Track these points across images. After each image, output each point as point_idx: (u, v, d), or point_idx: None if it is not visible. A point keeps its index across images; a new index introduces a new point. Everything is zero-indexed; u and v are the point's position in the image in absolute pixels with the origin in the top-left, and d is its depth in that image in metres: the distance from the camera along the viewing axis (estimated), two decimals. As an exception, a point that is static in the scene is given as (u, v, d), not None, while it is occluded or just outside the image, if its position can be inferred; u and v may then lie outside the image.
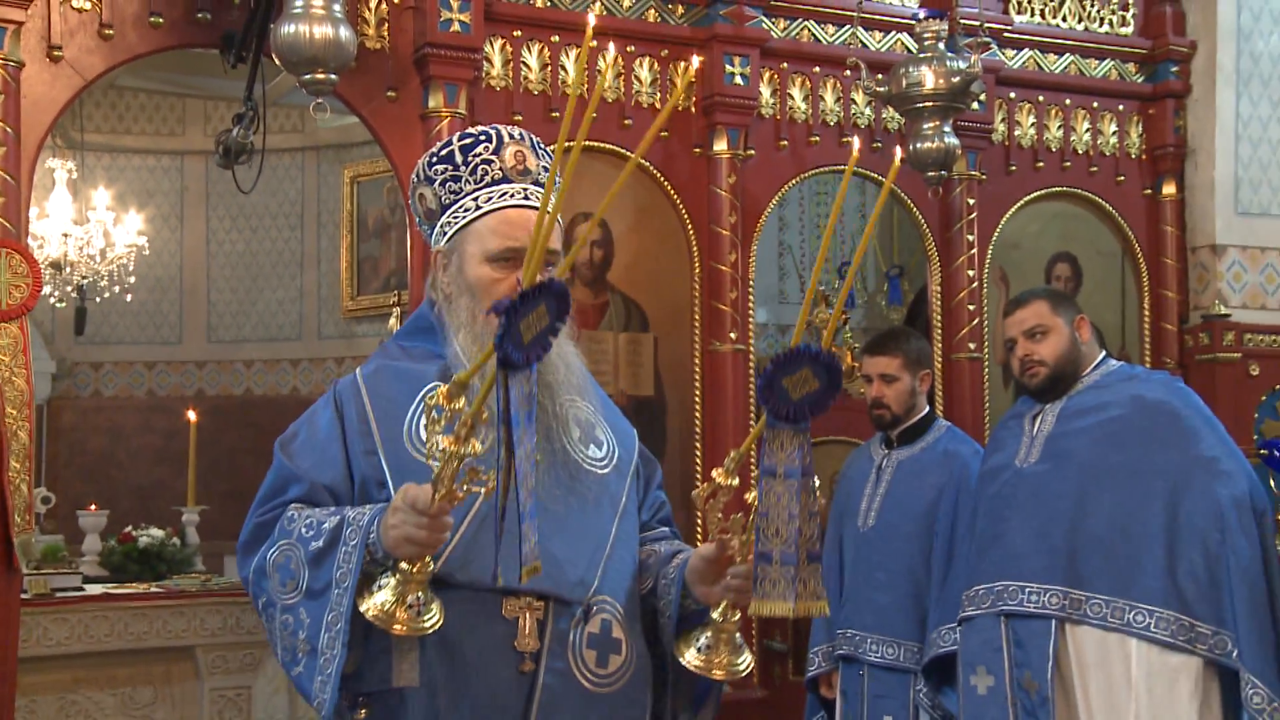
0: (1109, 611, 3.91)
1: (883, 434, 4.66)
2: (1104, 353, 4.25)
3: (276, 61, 4.70)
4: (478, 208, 2.40)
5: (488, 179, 2.42)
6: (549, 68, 5.25)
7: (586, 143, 5.22)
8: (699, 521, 4.22)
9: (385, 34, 5.05)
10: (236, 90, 5.46)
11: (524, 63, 5.21)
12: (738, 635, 2.37)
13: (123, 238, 9.01)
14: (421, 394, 2.36)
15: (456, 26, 4.96)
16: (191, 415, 7.56)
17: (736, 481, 2.23)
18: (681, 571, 2.42)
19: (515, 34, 5.21)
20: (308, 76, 4.61)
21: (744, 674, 2.38)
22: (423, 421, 2.22)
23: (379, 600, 2.14)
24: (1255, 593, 3.82)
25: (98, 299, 9.40)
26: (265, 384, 10.29)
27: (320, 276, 10.24)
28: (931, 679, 4.35)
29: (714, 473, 2.22)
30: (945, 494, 4.45)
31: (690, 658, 2.37)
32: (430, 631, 2.15)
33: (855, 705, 4.52)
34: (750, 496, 2.21)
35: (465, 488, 2.05)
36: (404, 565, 2.13)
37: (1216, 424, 4.06)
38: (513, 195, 2.41)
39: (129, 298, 9.32)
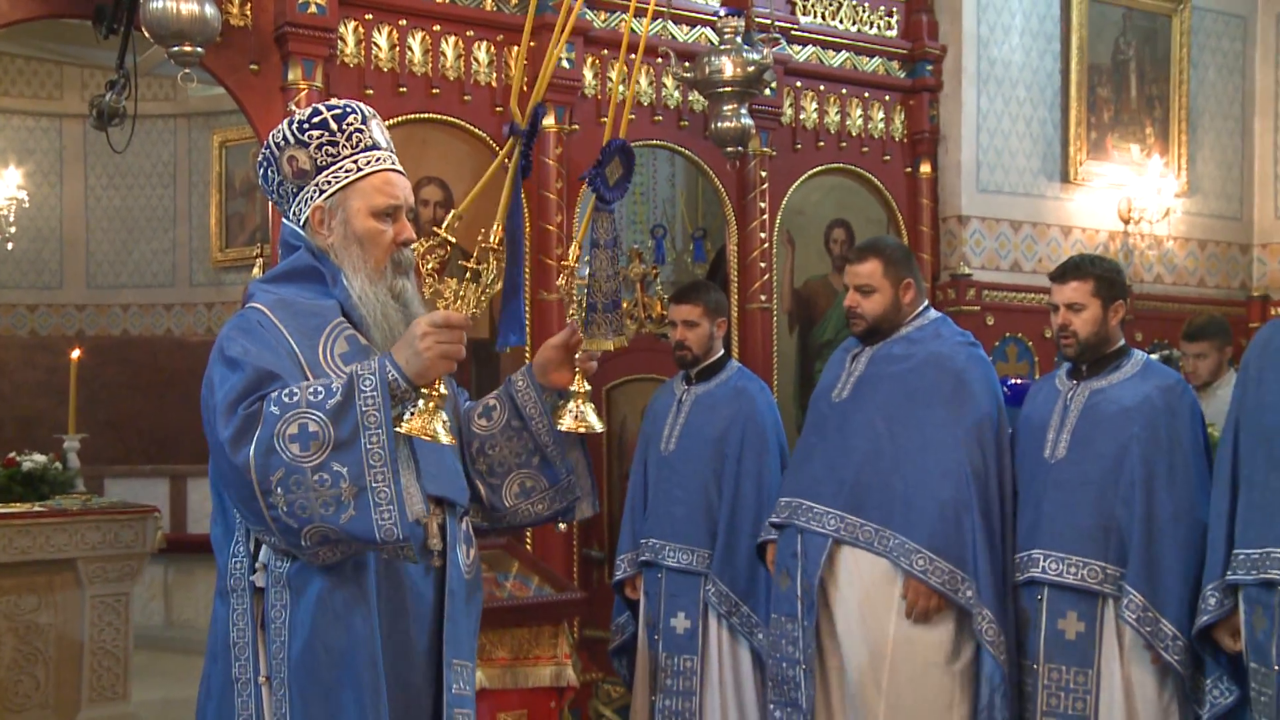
0: (876, 538, 3.95)
1: (684, 372, 4.68)
2: (925, 304, 4.20)
3: (146, 34, 4.47)
4: (359, 169, 2.38)
5: (362, 145, 2.40)
6: (397, 48, 5.10)
7: (431, 115, 5.15)
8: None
9: (248, 12, 4.83)
10: (111, 59, 5.19)
11: (374, 43, 5.05)
12: (589, 396, 2.56)
13: (3, 191, 8.62)
14: (330, 325, 2.34)
15: (314, 9, 4.78)
16: (75, 353, 7.22)
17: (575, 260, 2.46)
18: (530, 375, 2.58)
19: (367, 17, 5.04)
20: (175, 49, 4.41)
21: (600, 428, 2.55)
22: (328, 354, 2.32)
23: (418, 423, 2.16)
24: (992, 538, 3.91)
25: (-21, 246, 9.01)
26: (141, 325, 9.98)
27: (191, 230, 10.00)
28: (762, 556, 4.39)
29: (571, 257, 2.45)
30: (735, 424, 4.49)
31: (568, 423, 2.52)
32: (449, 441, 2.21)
33: (655, 604, 4.55)
34: (561, 281, 2.47)
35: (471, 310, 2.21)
36: (429, 391, 2.17)
37: (994, 396, 4.07)
38: (384, 160, 2.42)
39: (10, 246, 8.99)
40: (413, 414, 2.17)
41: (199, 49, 4.44)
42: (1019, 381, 6.07)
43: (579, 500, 2.67)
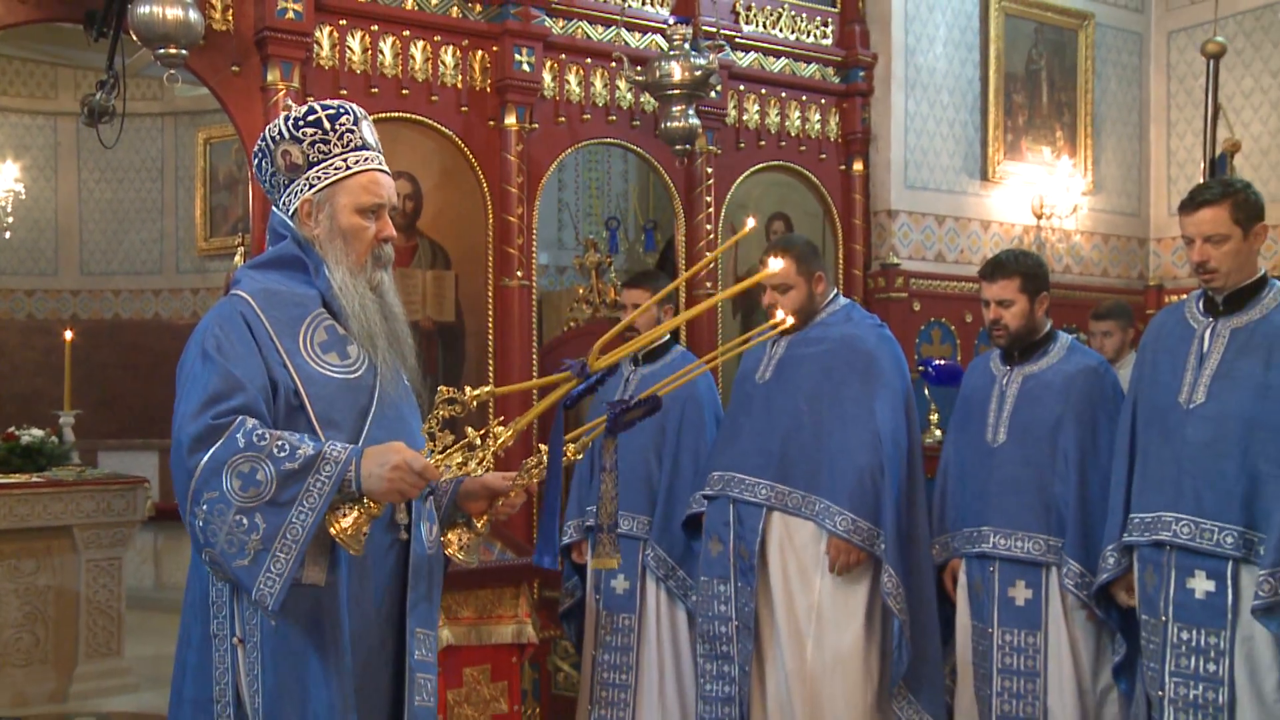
0: (804, 504, 4.01)
1: (632, 353, 4.64)
2: (835, 292, 4.26)
3: (134, 38, 4.39)
4: (348, 167, 2.33)
5: (352, 144, 2.35)
6: (369, 52, 5.04)
7: (400, 114, 5.11)
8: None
9: (230, 17, 4.76)
10: (102, 61, 5.12)
11: (348, 46, 4.99)
12: (481, 540, 2.51)
13: (1, 184, 8.48)
14: (311, 315, 2.30)
15: (291, 14, 4.72)
16: (68, 335, 7.13)
17: (580, 456, 2.41)
18: (456, 488, 2.46)
19: (341, 22, 4.98)
20: (161, 51, 4.35)
21: (467, 564, 2.51)
22: (307, 342, 2.27)
23: (345, 524, 2.13)
24: (899, 501, 3.97)
25: (-22, 236, 8.89)
26: (131, 309, 9.88)
27: (178, 221, 9.92)
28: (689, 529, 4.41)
29: (569, 448, 2.36)
30: (675, 402, 4.45)
31: (450, 537, 2.46)
32: (354, 553, 2.18)
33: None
34: (531, 461, 2.35)
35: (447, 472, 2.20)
36: (368, 503, 2.14)
37: (902, 371, 4.11)
38: (371, 160, 2.37)
39: (8, 235, 8.84)
40: (344, 513, 2.14)
41: (183, 51, 4.38)
42: (943, 362, 6.15)
43: None
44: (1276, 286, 3.46)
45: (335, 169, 2.33)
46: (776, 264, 4.06)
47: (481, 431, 2.19)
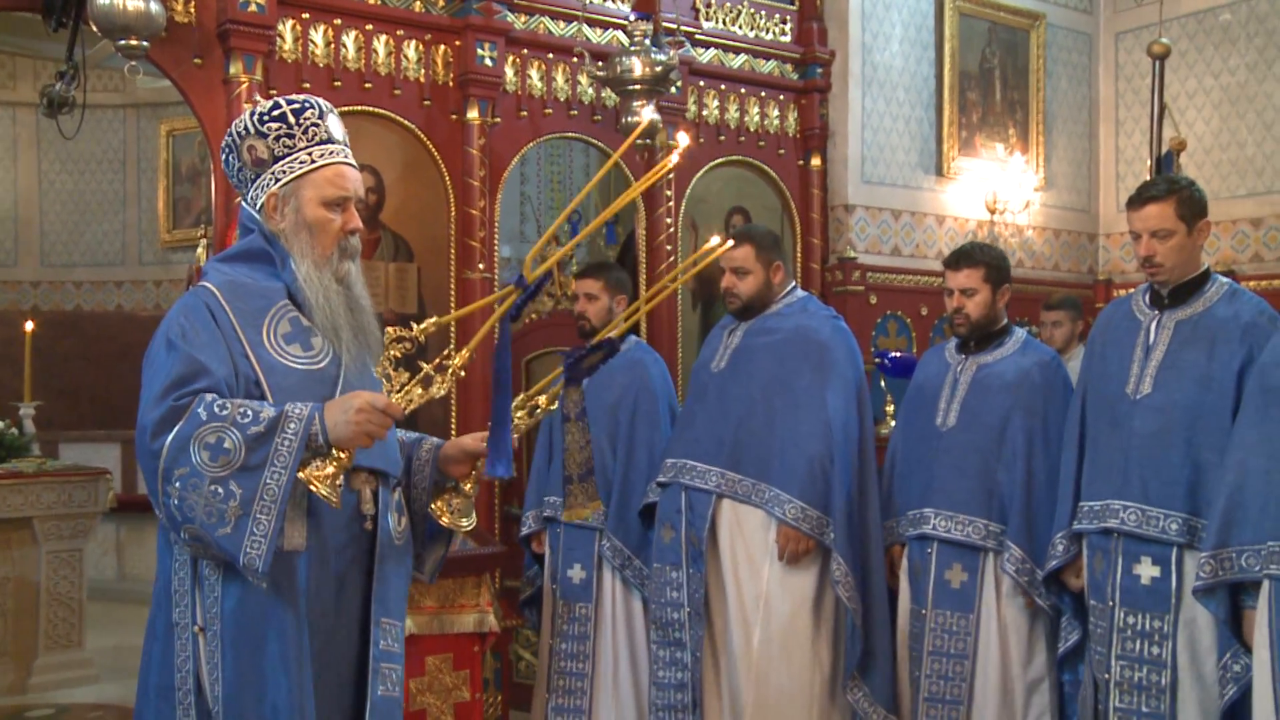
0: (753, 491, 4.00)
1: (588, 343, 4.60)
2: (793, 284, 4.26)
3: (94, 28, 4.32)
4: (313, 161, 2.33)
5: (317, 138, 2.35)
6: (332, 45, 4.99)
7: (363, 108, 5.06)
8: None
9: (191, 9, 4.69)
10: (62, 51, 5.02)
11: (311, 40, 4.94)
12: (472, 501, 2.48)
13: (-41, 175, 8.31)
14: (275, 307, 2.30)
15: (254, 7, 4.66)
16: (29, 326, 7.01)
17: (555, 406, 2.44)
18: (435, 455, 2.48)
19: (304, 16, 4.92)
20: (122, 42, 4.28)
21: (468, 530, 2.49)
22: (271, 334, 2.27)
23: (316, 475, 2.12)
24: (849, 489, 3.96)
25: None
26: (93, 301, 9.74)
27: (141, 213, 9.77)
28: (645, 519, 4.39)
29: (540, 399, 2.42)
30: (629, 392, 4.43)
31: (440, 505, 2.46)
32: (334, 504, 2.17)
33: (555, 556, 4.52)
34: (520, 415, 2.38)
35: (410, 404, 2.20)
36: (338, 453, 2.15)
37: (855, 362, 4.11)
38: (337, 154, 2.37)
39: (-35, 226, 8.66)
40: (317, 465, 2.14)
41: (144, 43, 4.32)
42: (899, 355, 6.18)
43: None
44: (1219, 281, 3.52)
45: (300, 163, 2.33)
46: (739, 251, 4.09)
47: (435, 362, 2.19)
